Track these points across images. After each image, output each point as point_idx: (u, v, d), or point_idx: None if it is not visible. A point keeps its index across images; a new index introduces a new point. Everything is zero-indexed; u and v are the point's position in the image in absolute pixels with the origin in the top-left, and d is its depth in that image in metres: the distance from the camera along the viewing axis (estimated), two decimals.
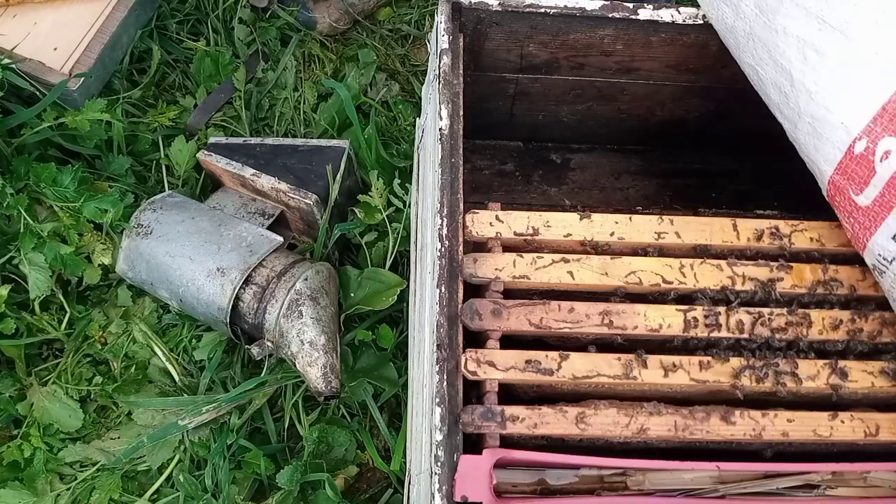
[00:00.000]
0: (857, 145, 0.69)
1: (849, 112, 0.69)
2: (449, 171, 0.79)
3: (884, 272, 0.72)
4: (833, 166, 0.72)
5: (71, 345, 1.32)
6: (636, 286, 0.77)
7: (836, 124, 0.70)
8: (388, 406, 1.31)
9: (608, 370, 0.73)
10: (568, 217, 0.79)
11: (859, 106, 0.68)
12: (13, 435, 1.28)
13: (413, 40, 1.65)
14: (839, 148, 0.70)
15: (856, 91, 0.69)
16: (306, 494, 1.22)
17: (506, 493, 0.72)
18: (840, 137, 0.70)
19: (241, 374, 1.30)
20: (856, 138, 0.69)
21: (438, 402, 0.69)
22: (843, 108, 0.69)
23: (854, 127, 0.69)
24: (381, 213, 1.31)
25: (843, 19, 0.68)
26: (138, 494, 1.25)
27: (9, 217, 1.30)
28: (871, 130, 0.68)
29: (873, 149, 0.67)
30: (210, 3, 1.61)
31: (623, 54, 0.98)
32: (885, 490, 0.74)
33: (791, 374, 0.74)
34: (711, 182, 1.20)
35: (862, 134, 0.68)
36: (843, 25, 0.68)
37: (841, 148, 0.70)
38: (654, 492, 0.72)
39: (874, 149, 0.67)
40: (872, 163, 0.68)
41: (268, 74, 1.57)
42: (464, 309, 0.74)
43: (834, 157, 0.71)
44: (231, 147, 1.35)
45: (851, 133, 0.69)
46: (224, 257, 1.21)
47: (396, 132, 1.53)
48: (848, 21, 0.68)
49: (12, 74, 1.37)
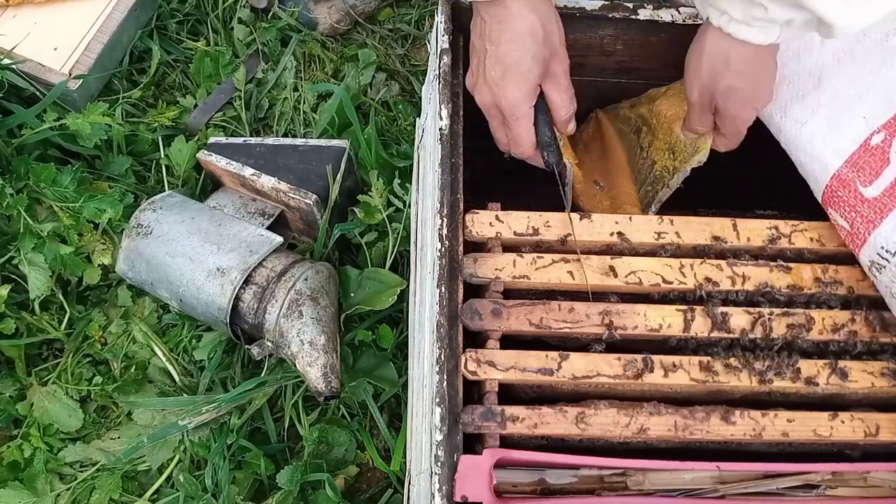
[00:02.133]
0: (875, 138, 0.74)
1: (871, 107, 0.75)
2: (449, 171, 0.79)
3: (883, 267, 0.73)
4: (843, 159, 0.76)
5: (71, 345, 1.32)
6: (636, 286, 0.77)
7: (857, 118, 0.75)
8: (388, 406, 1.31)
9: (608, 370, 0.73)
10: (568, 217, 0.79)
11: (883, 103, 0.74)
12: (13, 435, 1.28)
13: (413, 40, 1.65)
14: (855, 140, 0.75)
15: (882, 89, 0.75)
16: (306, 494, 1.22)
17: (506, 493, 0.72)
18: (858, 131, 0.75)
19: (241, 374, 1.30)
20: (874, 131, 0.74)
21: (438, 402, 0.69)
22: (866, 104, 0.75)
23: (875, 121, 0.74)
24: (381, 213, 1.31)
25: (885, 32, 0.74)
26: (138, 494, 1.25)
27: (9, 217, 1.30)
28: (891, 125, 0.74)
29: (891, 140, 0.73)
30: (210, 3, 1.61)
31: (623, 54, 0.98)
32: (885, 490, 0.74)
33: (791, 374, 0.74)
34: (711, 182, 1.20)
35: (881, 128, 0.74)
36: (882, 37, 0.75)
37: (857, 140, 0.74)
38: (654, 492, 0.72)
39: (892, 141, 0.73)
40: (888, 153, 0.73)
41: (268, 74, 1.57)
42: (464, 309, 0.74)
43: (847, 149, 0.75)
44: (231, 147, 1.35)
45: (871, 126, 0.74)
46: (224, 257, 1.21)
47: (396, 132, 1.53)
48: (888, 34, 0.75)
49: (12, 74, 1.37)
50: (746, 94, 0.82)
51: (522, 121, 0.84)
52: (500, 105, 0.83)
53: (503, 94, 0.81)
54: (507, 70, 0.80)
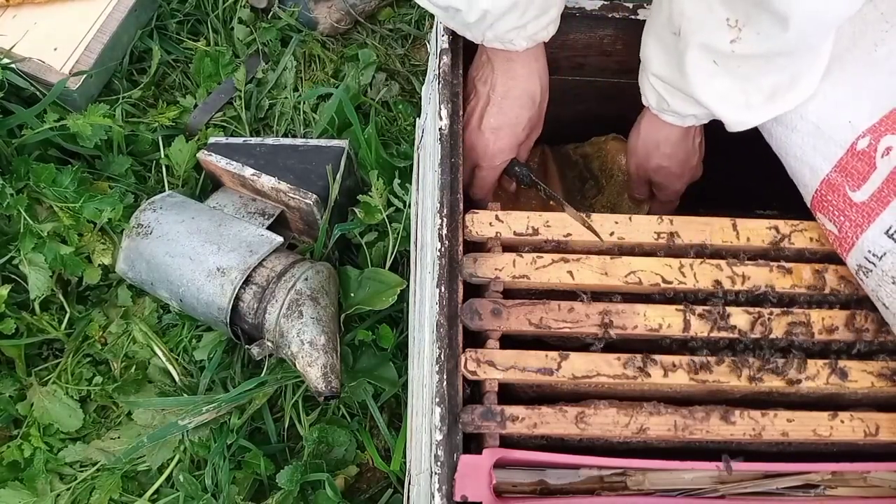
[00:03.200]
0: (860, 142, 0.73)
1: (857, 112, 0.75)
2: (449, 171, 0.79)
3: (870, 271, 0.73)
4: (832, 164, 0.76)
5: (71, 345, 1.32)
6: (636, 286, 0.77)
7: (843, 123, 0.75)
8: (388, 406, 1.31)
9: (608, 370, 0.73)
10: (568, 217, 0.79)
11: (868, 108, 0.74)
12: (13, 435, 1.28)
13: (413, 40, 1.65)
14: (842, 145, 0.75)
15: (868, 95, 0.75)
16: (306, 494, 1.22)
17: (506, 493, 0.72)
18: (844, 135, 0.75)
19: (241, 374, 1.30)
20: (859, 136, 0.74)
21: (438, 402, 0.69)
22: (851, 109, 0.75)
23: (860, 125, 0.74)
24: (381, 213, 1.31)
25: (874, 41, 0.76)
26: (138, 494, 1.25)
27: (9, 217, 1.31)
28: (876, 129, 0.73)
29: (875, 145, 0.73)
30: (210, 3, 1.61)
31: (623, 54, 0.98)
32: (885, 490, 0.74)
33: (791, 373, 0.74)
34: (711, 182, 1.20)
35: (866, 132, 0.73)
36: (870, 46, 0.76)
37: (843, 145, 0.75)
38: (654, 492, 0.72)
39: (876, 145, 0.73)
40: (874, 158, 0.73)
41: (268, 74, 1.57)
42: (464, 309, 0.74)
43: (835, 154, 0.75)
44: (231, 147, 1.35)
45: (856, 130, 0.74)
46: (224, 257, 1.21)
47: (396, 132, 1.53)
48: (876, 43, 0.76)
49: (12, 74, 1.37)
50: (674, 171, 0.94)
51: (496, 170, 0.93)
52: (486, 151, 0.90)
53: (495, 142, 0.89)
54: (504, 123, 0.89)
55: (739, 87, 0.75)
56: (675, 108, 0.83)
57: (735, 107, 0.77)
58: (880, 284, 0.73)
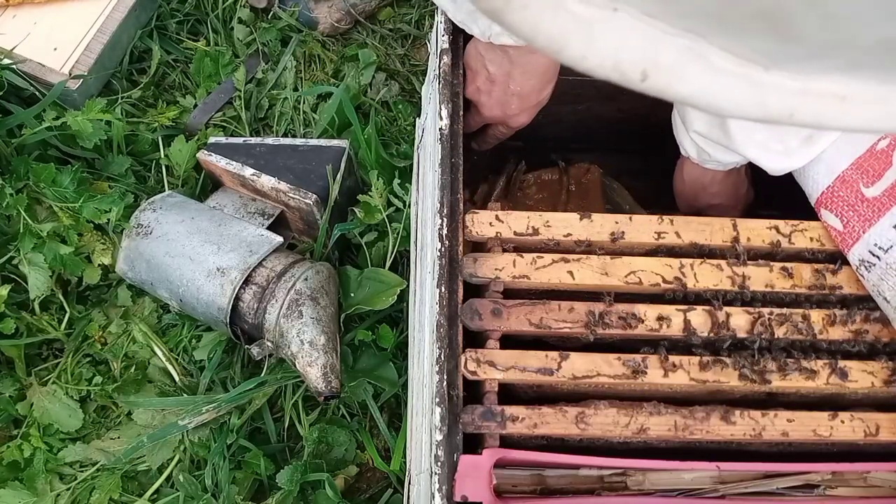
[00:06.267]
0: (881, 143, 0.77)
1: None
2: (449, 171, 0.79)
3: (873, 265, 0.74)
4: (850, 160, 0.79)
5: (71, 345, 1.32)
6: (636, 286, 0.77)
7: None
8: (388, 406, 1.31)
9: (608, 370, 0.73)
10: (568, 217, 0.79)
11: None
12: (13, 435, 1.28)
13: (413, 40, 1.65)
14: (864, 146, 0.79)
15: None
16: (306, 494, 1.22)
17: (506, 493, 0.72)
18: (869, 136, 0.79)
19: (241, 374, 1.30)
20: (881, 137, 0.78)
21: (438, 402, 0.69)
22: None
23: None
24: (381, 213, 1.31)
25: None
26: (138, 494, 1.25)
27: (9, 217, 1.30)
28: None
29: (894, 144, 0.77)
30: (210, 3, 1.61)
31: None
32: (886, 490, 0.74)
33: (791, 373, 0.74)
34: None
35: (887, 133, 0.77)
36: None
37: (866, 145, 0.79)
38: (654, 492, 0.72)
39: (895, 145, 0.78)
40: (891, 157, 0.77)
41: (268, 74, 1.57)
42: (464, 309, 0.73)
43: (855, 153, 0.79)
44: (231, 147, 1.35)
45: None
46: (224, 257, 1.21)
47: (396, 132, 1.53)
48: None
49: (12, 74, 1.37)
50: (728, 204, 0.97)
51: (514, 130, 0.99)
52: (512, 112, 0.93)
53: (521, 105, 0.92)
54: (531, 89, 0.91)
55: (777, 137, 0.78)
56: (716, 158, 0.87)
57: (775, 155, 0.80)
58: (883, 278, 0.73)
